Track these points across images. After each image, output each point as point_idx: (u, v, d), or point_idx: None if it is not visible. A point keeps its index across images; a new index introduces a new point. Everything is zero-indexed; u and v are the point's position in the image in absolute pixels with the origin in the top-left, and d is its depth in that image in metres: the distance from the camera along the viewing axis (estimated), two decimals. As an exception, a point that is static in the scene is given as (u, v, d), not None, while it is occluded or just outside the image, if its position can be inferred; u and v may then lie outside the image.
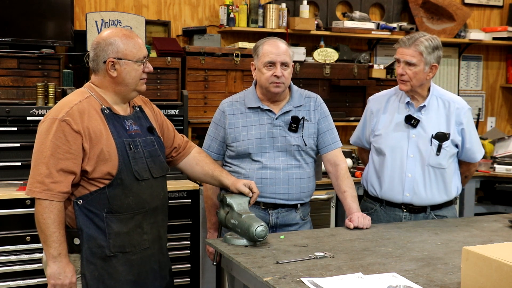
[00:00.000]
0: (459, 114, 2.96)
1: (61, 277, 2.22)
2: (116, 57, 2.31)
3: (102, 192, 2.27)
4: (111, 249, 2.29)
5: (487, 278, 1.73)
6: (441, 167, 2.94)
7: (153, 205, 2.40)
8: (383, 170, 2.97)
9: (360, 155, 3.37)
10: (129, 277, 2.35)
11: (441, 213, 3.01)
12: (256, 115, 2.87)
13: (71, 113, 2.24)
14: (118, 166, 2.27)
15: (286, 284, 1.97)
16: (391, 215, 2.99)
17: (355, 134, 3.23)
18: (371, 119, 3.07)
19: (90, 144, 2.24)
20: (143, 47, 2.38)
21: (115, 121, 2.33)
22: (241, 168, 2.85)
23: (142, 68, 2.36)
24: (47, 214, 2.19)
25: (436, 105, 2.97)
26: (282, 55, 2.77)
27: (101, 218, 2.27)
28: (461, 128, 2.96)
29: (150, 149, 2.42)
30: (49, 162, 2.19)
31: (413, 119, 2.92)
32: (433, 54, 2.86)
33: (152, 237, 2.42)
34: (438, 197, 2.97)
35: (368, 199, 3.10)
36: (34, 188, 2.20)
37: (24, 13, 3.75)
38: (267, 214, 2.83)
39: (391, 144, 2.96)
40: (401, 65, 2.88)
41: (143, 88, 2.41)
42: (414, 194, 2.93)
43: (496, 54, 5.79)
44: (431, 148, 2.91)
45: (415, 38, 2.86)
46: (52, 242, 2.20)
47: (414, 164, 2.92)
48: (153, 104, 2.64)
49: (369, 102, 3.14)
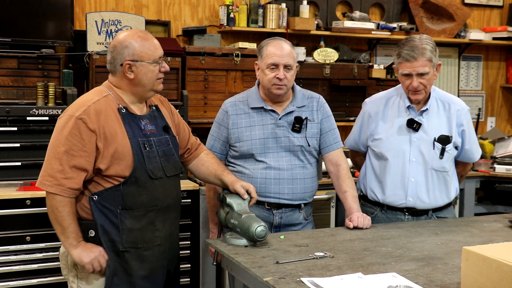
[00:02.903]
0: (460, 115, 2.94)
1: (89, 252, 2.32)
2: (132, 59, 2.37)
3: (117, 189, 2.34)
4: (123, 245, 2.36)
5: (487, 278, 1.73)
6: (444, 170, 2.91)
7: (165, 203, 2.46)
8: (385, 175, 2.94)
9: (353, 159, 3.29)
10: (141, 272, 2.41)
11: (442, 215, 3.00)
12: (259, 115, 2.87)
13: (88, 112, 2.30)
14: (132, 165, 2.34)
15: (286, 284, 1.97)
16: (392, 218, 2.96)
17: (351, 138, 3.16)
18: (369, 122, 3.02)
19: (104, 143, 2.30)
20: (158, 48, 2.42)
21: (131, 120, 2.39)
22: (245, 168, 2.85)
23: (158, 69, 2.41)
24: (62, 208, 2.27)
25: (436, 107, 2.94)
26: (286, 57, 2.77)
27: (115, 214, 2.34)
28: (461, 129, 2.95)
29: (165, 148, 2.47)
30: (63, 158, 2.26)
31: (415, 123, 2.88)
32: (436, 54, 2.83)
33: (164, 234, 2.48)
34: (440, 200, 2.95)
35: (367, 203, 3.05)
36: (45, 181, 2.28)
37: (24, 13, 3.75)
38: (271, 214, 2.84)
39: (393, 149, 2.91)
40: (413, 78, 2.79)
41: (160, 87, 2.47)
42: (418, 199, 2.90)
43: (496, 54, 5.79)
44: (434, 152, 2.89)
45: (417, 46, 2.76)
46: (70, 232, 2.30)
47: (416, 168, 2.89)
48: (171, 104, 2.70)
49: (366, 105, 3.08)
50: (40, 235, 3.36)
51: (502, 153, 5.07)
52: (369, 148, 3.04)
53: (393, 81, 4.91)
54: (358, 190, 3.13)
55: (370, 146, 3.03)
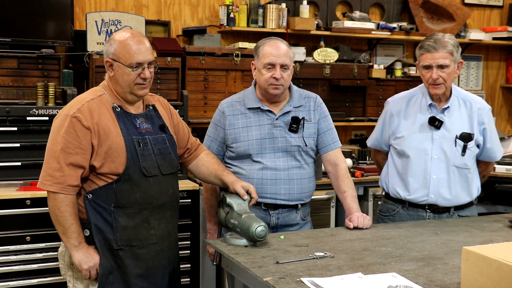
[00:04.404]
0: (481, 114, 2.96)
1: (89, 259, 2.35)
2: (112, 58, 2.41)
3: (110, 187, 2.35)
4: (117, 243, 2.37)
5: (487, 278, 1.73)
6: (466, 167, 2.93)
7: (160, 201, 2.46)
8: (407, 172, 2.95)
9: (374, 158, 3.33)
10: (137, 271, 2.41)
11: (464, 213, 3.01)
12: (256, 116, 2.87)
13: (82, 110, 2.34)
14: (126, 163, 2.35)
15: (286, 284, 1.97)
16: (414, 216, 2.97)
17: (373, 137, 3.18)
18: (392, 121, 3.04)
19: (98, 140, 2.33)
20: (140, 54, 2.39)
21: (125, 119, 2.41)
22: (242, 169, 2.84)
23: (136, 73, 2.39)
24: (64, 208, 2.30)
25: (458, 105, 2.96)
26: (282, 57, 2.76)
27: (109, 212, 2.36)
28: (483, 128, 2.96)
29: (161, 147, 2.48)
30: (60, 156, 2.29)
31: (437, 121, 2.90)
32: (458, 51, 2.86)
33: (160, 233, 2.48)
34: (462, 198, 2.97)
35: (388, 200, 3.07)
36: (45, 181, 2.31)
37: (24, 13, 3.75)
38: (268, 214, 2.83)
39: (415, 146, 2.93)
40: (433, 70, 2.82)
41: (141, 93, 2.45)
42: (439, 196, 2.92)
43: (496, 54, 5.79)
44: (456, 149, 2.90)
45: (440, 40, 2.81)
46: (72, 233, 2.31)
47: (439, 166, 2.91)
48: (170, 105, 2.71)
49: (388, 104, 3.10)
50: (40, 235, 3.36)
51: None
52: (391, 147, 3.06)
53: (393, 81, 4.92)
54: (381, 188, 3.16)
55: (392, 145, 3.05)
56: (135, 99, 2.47)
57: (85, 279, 2.39)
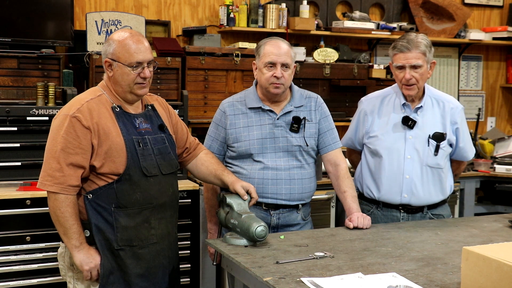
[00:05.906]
0: (454, 113, 2.98)
1: (91, 260, 2.35)
2: (112, 58, 2.41)
3: (111, 187, 2.35)
4: (118, 243, 2.37)
5: (487, 278, 1.73)
6: (439, 167, 2.95)
7: (161, 201, 2.46)
8: (379, 172, 2.96)
9: (349, 157, 3.32)
10: (138, 271, 2.42)
11: (437, 212, 3.02)
12: (257, 116, 2.87)
13: (82, 110, 2.33)
14: (126, 163, 2.36)
15: (286, 284, 1.97)
16: (388, 216, 2.98)
17: (347, 136, 3.19)
18: (365, 120, 3.05)
19: (98, 140, 2.33)
20: (140, 53, 2.40)
21: (125, 119, 2.42)
22: (242, 169, 2.84)
23: (136, 73, 2.39)
24: (64, 208, 2.29)
25: (431, 105, 2.98)
26: (283, 56, 2.77)
27: (110, 212, 2.35)
28: (455, 127, 2.98)
29: (160, 147, 2.48)
30: (60, 156, 2.29)
31: (410, 121, 2.92)
32: (431, 51, 2.88)
33: (160, 233, 2.48)
34: (435, 197, 2.98)
35: (363, 201, 3.06)
36: (45, 182, 2.30)
37: (24, 13, 3.75)
38: (269, 214, 2.83)
39: (388, 146, 2.95)
40: (406, 71, 2.85)
41: (140, 92, 2.45)
42: (412, 195, 2.93)
43: (496, 54, 5.79)
44: (428, 149, 2.92)
45: (413, 40, 2.84)
46: (73, 233, 2.31)
47: (411, 165, 2.92)
48: (169, 105, 2.71)
49: (362, 103, 3.12)
50: (40, 235, 3.36)
51: (502, 153, 5.07)
52: (365, 146, 3.07)
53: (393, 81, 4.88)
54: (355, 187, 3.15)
55: (365, 144, 3.06)
56: (135, 98, 2.47)
57: (86, 280, 2.39)
